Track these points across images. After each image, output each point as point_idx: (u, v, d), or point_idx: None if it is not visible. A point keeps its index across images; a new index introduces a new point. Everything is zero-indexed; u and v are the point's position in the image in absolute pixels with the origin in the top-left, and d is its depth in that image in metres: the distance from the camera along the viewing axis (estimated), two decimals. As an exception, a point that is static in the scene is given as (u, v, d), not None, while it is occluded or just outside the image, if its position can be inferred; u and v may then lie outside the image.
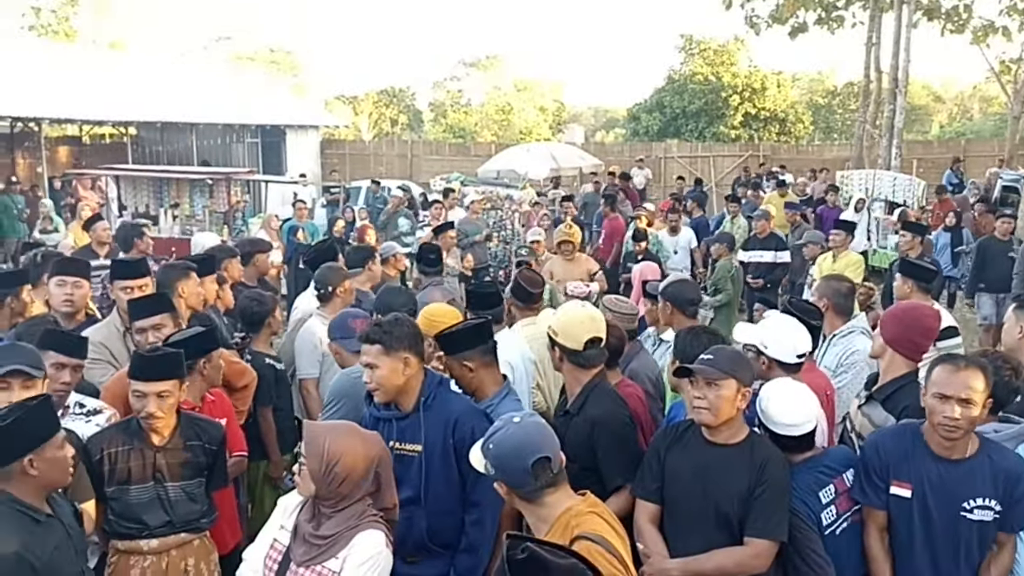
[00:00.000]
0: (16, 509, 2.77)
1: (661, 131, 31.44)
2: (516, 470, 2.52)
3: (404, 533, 3.20)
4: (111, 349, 4.48)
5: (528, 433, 2.57)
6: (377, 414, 3.32)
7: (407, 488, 3.22)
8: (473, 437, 3.18)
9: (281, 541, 2.89)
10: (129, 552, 3.48)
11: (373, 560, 2.75)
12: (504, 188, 15.38)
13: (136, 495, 3.46)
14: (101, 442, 3.48)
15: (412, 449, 3.24)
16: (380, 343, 3.22)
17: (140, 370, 3.44)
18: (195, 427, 3.63)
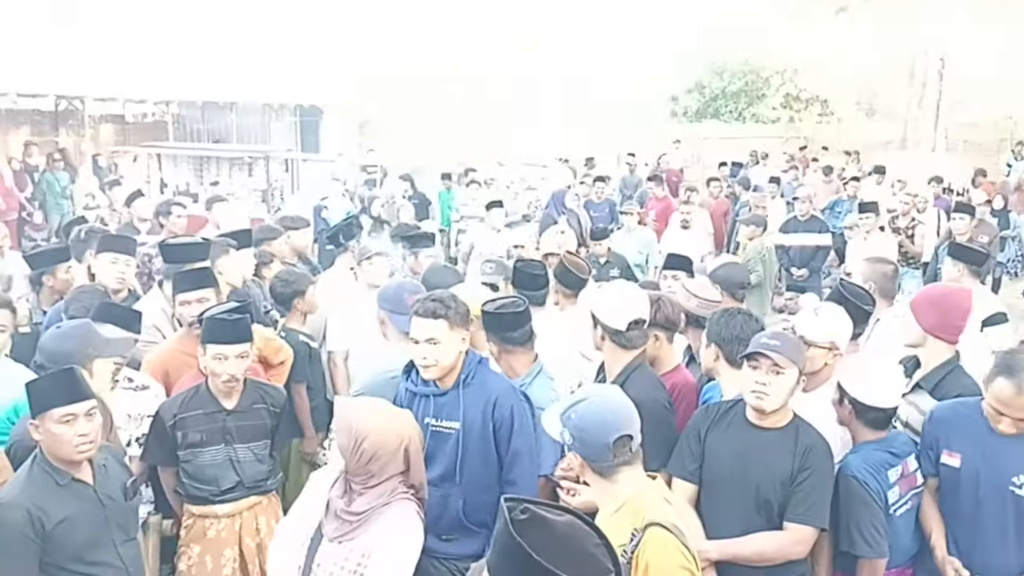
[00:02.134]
0: (42, 468, 2.90)
1: (699, 112, 31.06)
2: (597, 444, 2.51)
3: (439, 511, 3.22)
4: (163, 332, 4.58)
5: (613, 409, 2.56)
6: (414, 389, 3.32)
7: (441, 465, 3.23)
8: (512, 417, 3.24)
9: (313, 517, 2.92)
10: (204, 516, 3.69)
11: (405, 536, 2.78)
12: (540, 168, 15.32)
13: (208, 457, 3.66)
14: (173, 408, 3.67)
15: (449, 426, 3.25)
16: (445, 319, 3.21)
17: (221, 334, 3.59)
18: (260, 391, 3.81)
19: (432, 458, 3.21)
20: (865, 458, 3.17)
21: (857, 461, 3.16)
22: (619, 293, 3.68)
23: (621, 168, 18.06)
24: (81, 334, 3.51)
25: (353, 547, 2.76)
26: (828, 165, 16.45)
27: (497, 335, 3.60)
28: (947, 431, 3.24)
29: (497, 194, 13.27)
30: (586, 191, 12.37)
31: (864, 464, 3.14)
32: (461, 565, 3.27)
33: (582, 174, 15.98)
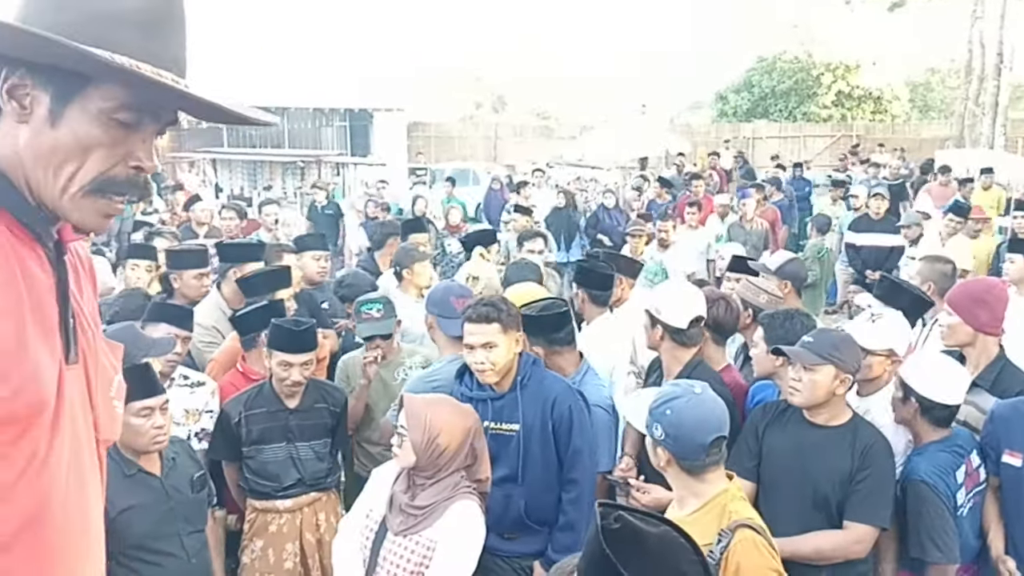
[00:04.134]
0: (110, 457, 2.95)
1: (749, 111, 30.74)
2: (692, 443, 2.48)
3: (502, 511, 3.24)
4: (221, 331, 4.67)
5: (711, 409, 2.53)
6: (469, 394, 3.32)
7: (504, 467, 3.25)
8: (571, 415, 3.25)
9: (376, 512, 2.96)
10: (266, 511, 3.75)
11: (469, 530, 2.82)
12: (590, 169, 15.32)
13: (271, 454, 3.74)
14: (238, 405, 3.75)
15: (509, 428, 3.26)
16: (499, 322, 3.21)
17: (288, 343, 3.68)
18: (321, 391, 3.89)
19: (493, 460, 3.20)
20: (932, 461, 3.11)
21: (925, 465, 3.10)
22: (679, 292, 3.69)
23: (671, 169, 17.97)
24: (127, 337, 3.57)
25: (419, 540, 2.80)
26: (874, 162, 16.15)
27: (542, 337, 3.60)
28: (1008, 430, 3.18)
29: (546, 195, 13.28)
30: (651, 192, 12.33)
31: (932, 468, 3.08)
32: (523, 563, 3.29)
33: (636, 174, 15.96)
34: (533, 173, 14.75)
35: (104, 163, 1.25)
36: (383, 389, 4.18)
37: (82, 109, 1.23)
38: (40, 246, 1.29)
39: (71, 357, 1.32)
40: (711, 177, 13.77)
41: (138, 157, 1.28)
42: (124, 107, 1.24)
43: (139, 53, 1.21)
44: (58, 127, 1.23)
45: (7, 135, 1.26)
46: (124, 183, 1.29)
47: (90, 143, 1.24)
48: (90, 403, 1.39)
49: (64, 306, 1.32)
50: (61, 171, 1.24)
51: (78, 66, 1.19)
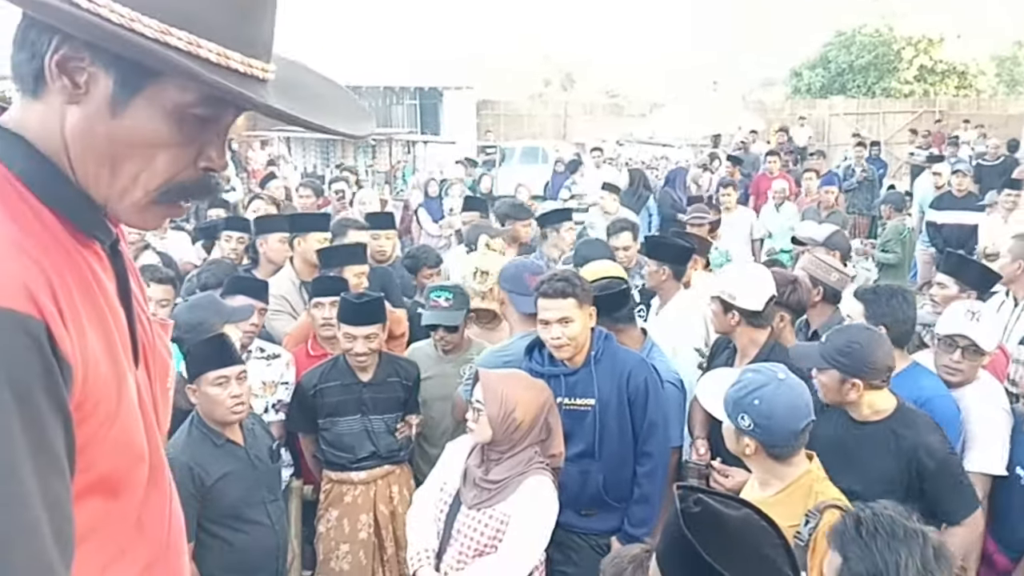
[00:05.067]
0: (200, 429, 3.07)
1: (825, 88, 29.88)
2: (785, 431, 2.43)
3: (579, 487, 3.23)
4: (290, 301, 4.78)
5: (799, 394, 2.49)
6: (541, 370, 3.28)
7: (580, 442, 3.23)
8: (647, 389, 3.23)
9: (451, 485, 2.98)
10: (342, 482, 3.82)
11: (542, 505, 2.82)
12: (661, 147, 15.11)
13: (346, 427, 3.80)
14: (314, 378, 3.82)
15: (584, 404, 3.24)
16: (574, 296, 3.18)
17: (351, 315, 3.73)
18: (394, 365, 3.93)
19: (569, 437, 3.19)
20: None
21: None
22: (750, 275, 3.60)
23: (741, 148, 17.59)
24: (208, 304, 3.69)
25: (492, 514, 2.82)
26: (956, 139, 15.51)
27: (605, 315, 3.54)
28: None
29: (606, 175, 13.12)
30: (724, 169, 12.08)
31: None
32: (601, 540, 3.28)
33: (707, 152, 15.68)
34: (591, 152, 14.56)
35: (173, 165, 1.10)
36: (448, 385, 3.99)
37: (153, 101, 1.06)
38: (98, 243, 1.16)
39: (138, 360, 1.22)
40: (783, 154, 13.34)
41: (210, 156, 1.13)
42: (203, 102, 1.08)
43: (231, 39, 1.05)
44: (120, 117, 1.06)
45: (50, 114, 1.08)
46: (194, 188, 1.14)
47: (159, 141, 1.08)
48: (152, 398, 1.30)
49: (128, 304, 1.21)
50: (120, 170, 1.09)
51: (154, 65, 1.03)
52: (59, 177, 1.09)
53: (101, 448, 1.09)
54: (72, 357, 1.03)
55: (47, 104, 1.08)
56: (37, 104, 1.08)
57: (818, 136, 23.30)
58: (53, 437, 1.00)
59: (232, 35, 1.06)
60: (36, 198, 1.08)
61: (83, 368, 1.04)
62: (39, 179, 1.08)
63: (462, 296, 3.99)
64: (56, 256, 1.06)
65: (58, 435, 1.00)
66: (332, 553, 3.77)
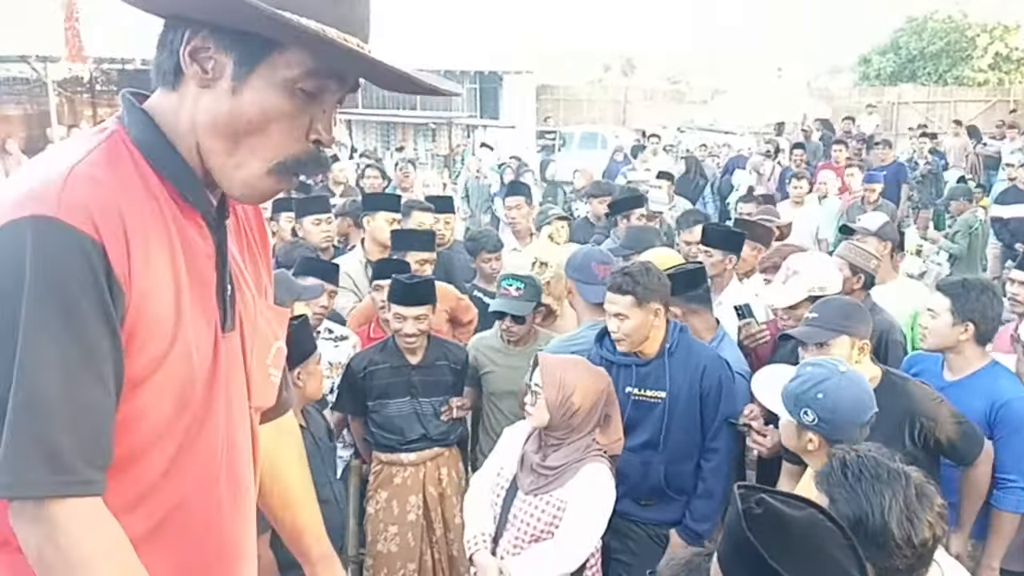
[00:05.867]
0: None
1: (894, 75, 29.08)
2: (849, 424, 2.39)
3: (640, 477, 3.22)
4: (355, 280, 4.79)
5: (863, 387, 2.44)
6: (611, 358, 3.28)
7: (645, 433, 3.21)
8: (721, 386, 3.19)
9: (508, 470, 2.99)
10: (391, 463, 3.82)
11: (599, 492, 2.81)
12: (723, 135, 14.89)
13: (395, 409, 3.80)
14: (364, 360, 3.83)
15: (654, 395, 3.21)
16: (633, 295, 3.15)
17: (401, 296, 3.72)
18: (443, 348, 3.92)
19: (635, 427, 3.18)
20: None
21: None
22: (821, 262, 3.57)
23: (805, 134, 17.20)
24: (280, 280, 3.73)
25: (548, 500, 2.82)
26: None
27: (678, 295, 3.49)
28: None
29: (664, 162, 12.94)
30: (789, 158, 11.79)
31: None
32: (659, 530, 3.26)
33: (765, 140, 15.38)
34: (648, 138, 14.38)
35: (286, 136, 1.21)
36: (514, 379, 3.76)
37: (266, 77, 1.18)
38: (199, 213, 1.26)
39: (228, 324, 1.30)
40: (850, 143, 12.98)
41: (318, 130, 1.23)
42: (309, 75, 1.19)
43: (326, 16, 1.15)
44: (240, 94, 1.19)
45: (187, 100, 1.22)
46: (306, 161, 1.24)
47: (272, 113, 1.19)
48: (245, 369, 1.38)
49: (223, 273, 1.30)
50: (240, 143, 1.21)
51: (266, 31, 1.14)
52: (171, 150, 1.23)
53: (144, 386, 1.16)
54: (126, 284, 1.12)
55: (182, 93, 1.22)
56: (173, 94, 1.24)
57: (885, 125, 22.72)
58: (97, 347, 1.08)
59: (328, 13, 1.15)
60: (147, 162, 1.21)
61: (138, 300, 1.13)
62: (151, 144, 1.22)
63: (534, 287, 3.98)
64: (143, 203, 1.18)
65: (103, 348, 1.09)
66: (380, 535, 3.77)
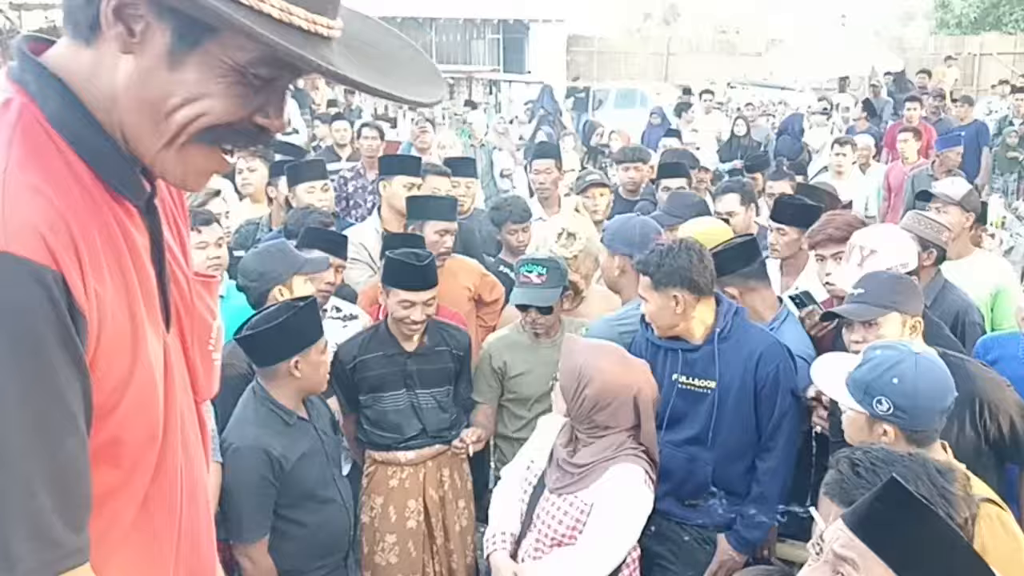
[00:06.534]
0: (268, 408, 3.07)
1: (977, 22, 28.62)
2: (929, 412, 2.36)
3: (685, 475, 3.22)
4: (369, 251, 4.74)
5: (941, 368, 2.41)
6: (658, 342, 3.28)
7: (692, 426, 3.21)
8: (778, 376, 3.15)
9: (538, 464, 2.99)
10: (387, 463, 3.75)
11: (629, 497, 2.76)
12: (779, 90, 14.76)
13: (390, 403, 3.72)
14: (352, 349, 3.73)
15: (703, 385, 3.20)
16: (649, 276, 3.17)
17: (411, 280, 3.63)
18: (442, 332, 3.83)
19: (681, 419, 3.17)
20: None
21: None
22: (894, 234, 3.52)
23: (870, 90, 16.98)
24: (279, 251, 3.73)
25: (572, 501, 2.80)
26: None
27: (733, 273, 3.48)
28: None
29: (715, 122, 12.80)
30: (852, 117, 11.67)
31: None
32: (705, 534, 3.25)
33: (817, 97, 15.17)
34: (701, 96, 14.24)
35: (227, 117, 1.15)
36: (547, 375, 3.72)
37: (211, 57, 1.11)
38: (133, 202, 1.22)
39: (170, 324, 1.28)
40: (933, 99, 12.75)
41: (267, 113, 1.18)
42: (263, 61, 1.12)
43: None
44: (178, 72, 1.11)
45: (103, 65, 1.13)
46: (242, 136, 1.19)
47: (215, 95, 1.13)
48: (187, 364, 1.36)
49: (161, 265, 1.27)
50: (171, 120, 1.14)
51: (198, 14, 1.06)
52: (93, 126, 1.15)
53: (111, 417, 1.15)
54: (88, 311, 1.08)
55: (99, 52, 1.13)
56: (88, 51, 1.14)
57: (965, 79, 22.37)
58: (67, 393, 1.06)
59: None
60: (67, 144, 1.14)
61: (98, 323, 1.10)
62: (72, 126, 1.14)
63: (558, 271, 3.81)
64: (81, 205, 1.12)
65: (74, 391, 1.07)
66: (378, 545, 3.69)
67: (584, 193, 5.81)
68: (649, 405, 2.87)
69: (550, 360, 3.69)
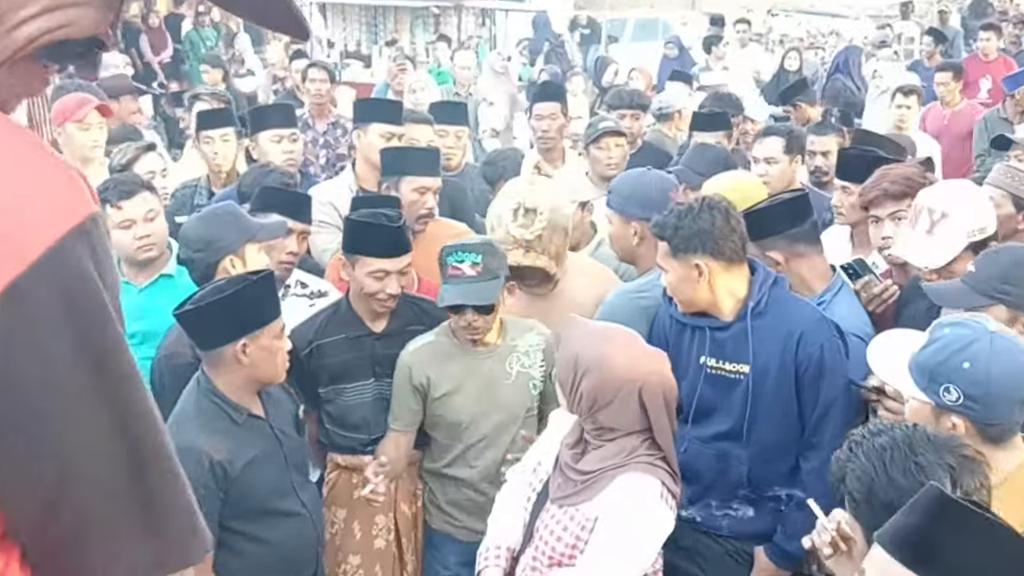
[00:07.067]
0: (213, 403, 3.03)
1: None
2: (1006, 401, 2.36)
3: (714, 476, 3.22)
4: (341, 212, 4.57)
5: (1021, 348, 2.40)
6: (683, 319, 3.29)
7: (724, 418, 3.21)
8: (823, 358, 3.12)
9: (545, 466, 2.97)
10: (351, 469, 3.69)
11: (639, 514, 2.68)
12: (829, 18, 14.74)
13: (355, 395, 3.66)
14: (308, 333, 3.66)
15: (735, 369, 3.19)
16: (666, 241, 3.16)
17: (381, 244, 3.57)
18: (415, 308, 3.79)
19: (711, 410, 3.18)
20: None
21: None
22: (975, 191, 3.53)
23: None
24: (227, 214, 3.68)
25: (574, 515, 2.75)
26: None
27: (778, 234, 3.46)
28: None
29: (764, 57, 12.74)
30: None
31: None
32: (739, 546, 3.26)
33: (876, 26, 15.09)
34: (735, 26, 14.17)
35: (93, 29, 1.16)
36: (484, 394, 3.56)
37: None
38: None
39: None
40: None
41: (108, 27, 1.18)
42: None
43: None
44: None
45: None
46: (76, 56, 1.19)
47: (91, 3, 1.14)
48: None
49: None
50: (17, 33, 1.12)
51: None
52: None
53: None
54: None
55: None
56: None
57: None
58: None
59: None
60: None
61: None
62: None
63: (496, 255, 3.51)
64: None
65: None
66: (339, 567, 3.67)
67: (596, 143, 5.69)
68: (658, 401, 2.77)
69: (487, 375, 3.56)
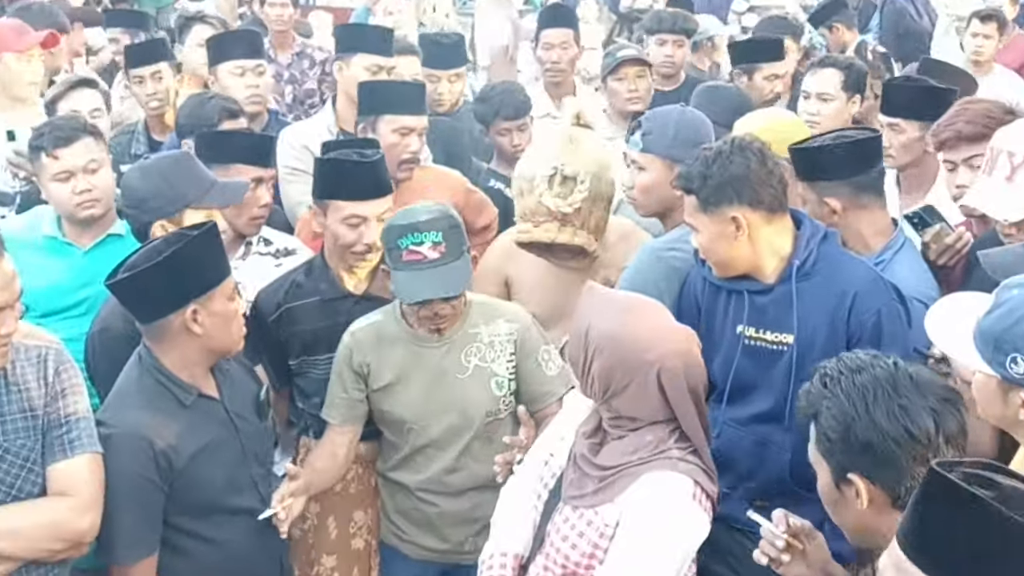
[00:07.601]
0: (158, 382, 3.02)
1: None
2: None
3: (753, 465, 3.26)
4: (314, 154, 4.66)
5: None
6: (717, 282, 3.31)
7: (765, 398, 3.23)
8: (880, 324, 3.13)
9: (558, 459, 2.98)
10: None
11: (668, 518, 2.68)
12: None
13: (328, 368, 3.63)
14: (276, 295, 3.69)
15: (776, 340, 3.22)
16: (694, 194, 3.17)
17: (357, 185, 3.57)
18: None
19: (749, 388, 3.23)
20: None
21: None
22: None
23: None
24: (178, 167, 3.61)
25: (591, 519, 2.75)
26: None
27: (841, 178, 3.47)
28: None
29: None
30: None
31: None
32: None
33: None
34: None
35: None
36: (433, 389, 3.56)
37: None
38: None
39: None
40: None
41: None
42: None
43: None
44: None
45: None
46: None
47: None
48: None
49: None
50: None
51: None
52: None
53: None
54: None
55: None
56: None
57: None
58: None
59: None
60: None
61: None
62: None
63: (456, 229, 3.47)
64: None
65: None
66: (311, 568, 3.71)
67: (615, 74, 5.74)
68: (679, 385, 2.77)
69: (436, 367, 3.55)
